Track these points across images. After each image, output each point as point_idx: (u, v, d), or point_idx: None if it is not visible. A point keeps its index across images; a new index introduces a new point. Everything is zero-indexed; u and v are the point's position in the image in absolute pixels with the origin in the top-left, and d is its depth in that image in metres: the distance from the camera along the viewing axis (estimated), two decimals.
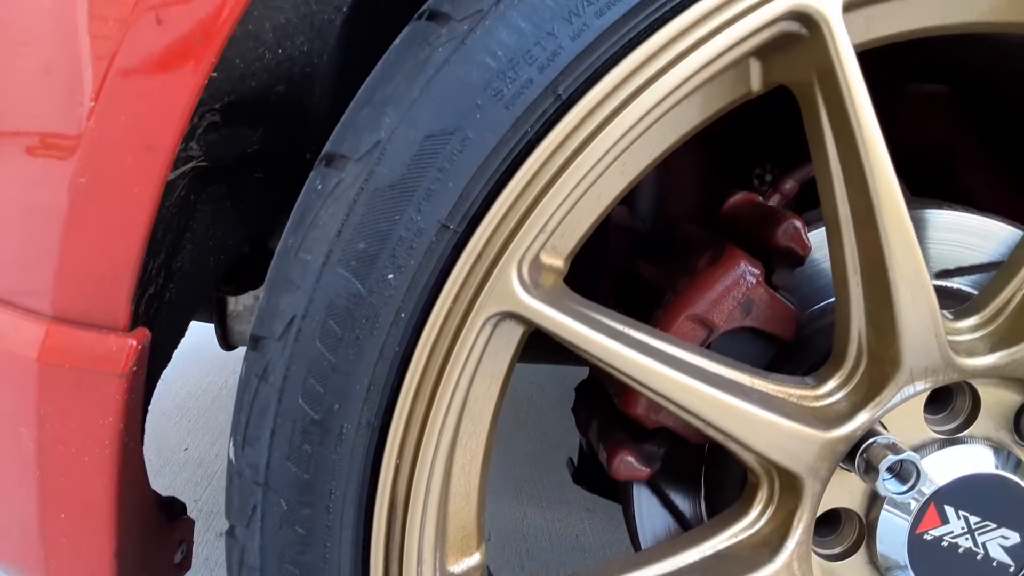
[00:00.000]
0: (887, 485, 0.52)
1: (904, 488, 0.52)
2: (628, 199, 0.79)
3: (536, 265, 0.48)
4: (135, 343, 0.53)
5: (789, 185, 0.72)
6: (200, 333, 1.00)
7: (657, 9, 0.43)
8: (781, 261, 0.59)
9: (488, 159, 0.44)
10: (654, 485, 0.65)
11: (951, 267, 0.64)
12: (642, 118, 0.45)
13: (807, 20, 0.44)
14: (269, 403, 0.46)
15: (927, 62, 0.82)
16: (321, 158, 0.46)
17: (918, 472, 0.52)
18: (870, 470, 0.52)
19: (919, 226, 0.63)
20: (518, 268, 0.45)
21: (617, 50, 0.44)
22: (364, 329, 0.45)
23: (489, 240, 0.45)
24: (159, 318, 0.69)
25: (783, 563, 0.53)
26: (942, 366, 0.51)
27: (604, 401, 0.66)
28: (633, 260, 0.72)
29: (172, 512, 0.69)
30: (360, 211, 0.44)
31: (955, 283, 0.63)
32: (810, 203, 0.75)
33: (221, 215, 0.74)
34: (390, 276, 0.44)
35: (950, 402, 0.58)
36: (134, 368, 0.54)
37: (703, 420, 0.50)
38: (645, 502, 0.65)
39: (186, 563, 0.73)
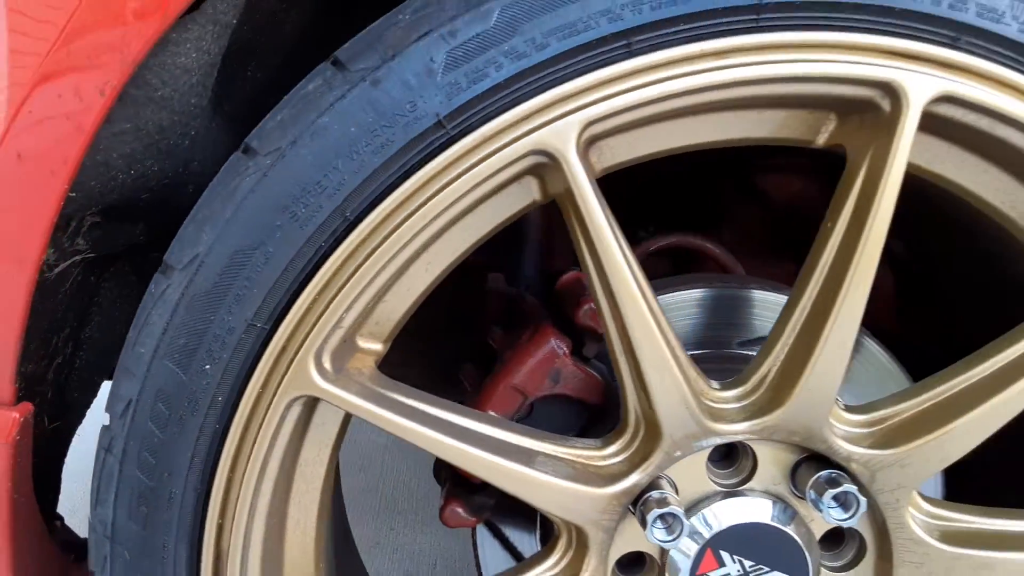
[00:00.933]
0: (655, 534, 0.60)
1: (671, 537, 0.60)
2: (507, 266, 0.88)
3: (346, 350, 0.57)
4: (18, 416, 0.62)
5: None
6: None
7: (423, 150, 0.52)
8: (590, 336, 0.68)
9: (287, 269, 0.53)
10: (493, 528, 0.74)
11: (752, 337, 0.73)
12: (423, 228, 0.54)
13: (549, 155, 0.53)
14: (113, 472, 0.55)
15: None
16: (160, 267, 0.56)
17: (682, 523, 0.60)
18: (644, 521, 0.61)
19: (718, 304, 0.72)
20: (316, 358, 0.54)
21: (393, 180, 0.53)
22: (187, 410, 0.54)
23: (291, 335, 0.54)
24: (70, 382, 0.78)
25: None
26: (700, 432, 0.60)
27: None
28: (490, 328, 0.81)
29: (80, 553, 0.78)
30: (181, 313, 0.53)
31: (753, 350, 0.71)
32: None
33: (128, 288, 0.83)
34: (207, 367, 0.53)
35: (736, 459, 0.66)
36: (18, 437, 0.63)
37: (492, 483, 0.59)
38: (487, 543, 0.74)
39: None
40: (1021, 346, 0.58)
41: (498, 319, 0.83)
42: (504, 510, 0.72)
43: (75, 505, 0.87)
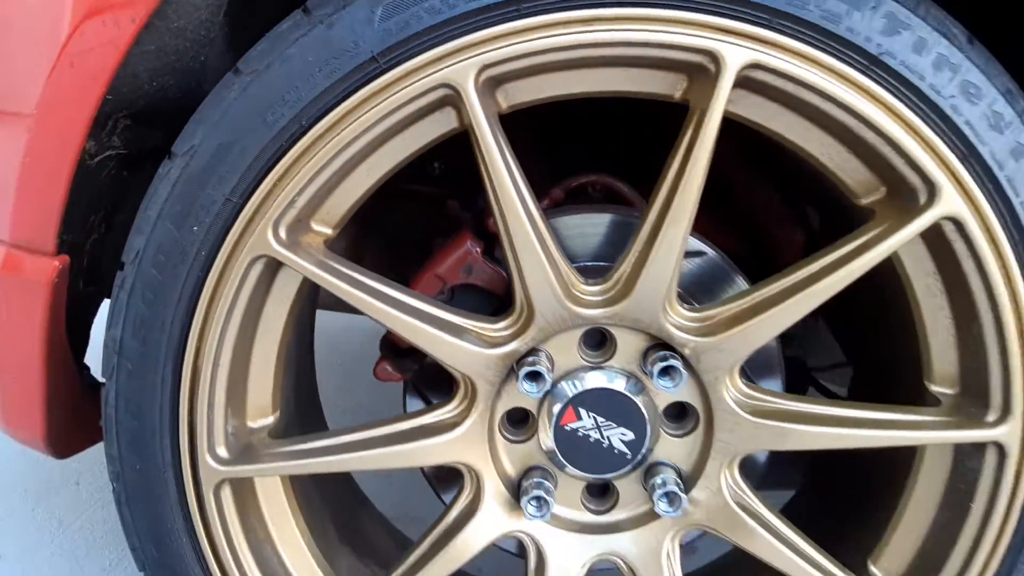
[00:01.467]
0: (524, 386, 0.79)
1: (536, 391, 0.79)
2: (464, 195, 1.06)
3: (301, 228, 0.76)
4: (57, 264, 0.83)
5: (555, 193, 0.99)
6: None
7: (361, 78, 0.70)
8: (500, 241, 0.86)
9: (256, 159, 0.72)
10: (415, 387, 0.93)
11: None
12: (358, 137, 0.73)
13: (453, 88, 0.71)
14: (123, 303, 0.76)
15: None
16: (167, 155, 0.75)
17: (546, 381, 0.79)
18: (517, 377, 0.79)
19: (611, 226, 0.90)
20: (274, 228, 0.73)
21: (337, 98, 0.71)
22: (178, 260, 0.74)
23: (256, 209, 0.73)
24: (102, 257, 0.98)
25: (459, 434, 0.81)
26: (567, 315, 0.78)
27: None
28: (436, 238, 1.00)
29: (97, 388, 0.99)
30: (179, 187, 0.73)
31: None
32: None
33: None
34: (195, 228, 0.73)
35: (604, 343, 0.84)
36: (56, 280, 0.83)
37: (410, 341, 0.78)
38: (411, 400, 0.94)
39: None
40: (799, 272, 0.75)
41: (446, 233, 1.02)
42: (424, 376, 0.92)
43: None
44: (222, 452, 0.79)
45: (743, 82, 0.71)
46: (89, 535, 1.40)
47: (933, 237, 0.74)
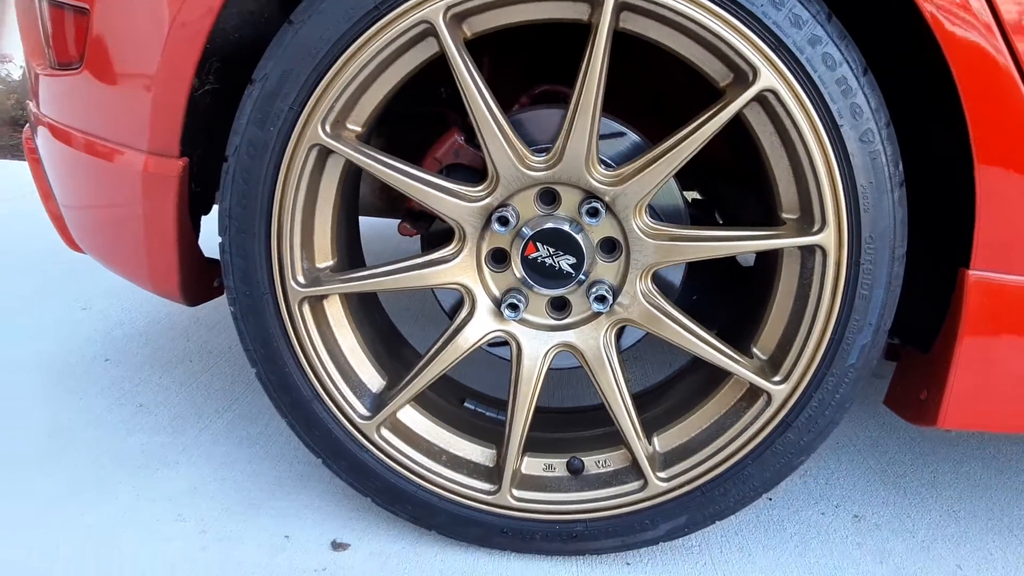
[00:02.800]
0: (495, 227, 1.16)
1: (505, 230, 1.16)
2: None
3: (340, 127, 1.14)
4: (182, 163, 1.23)
5: (522, 100, 1.35)
6: None
7: (368, 20, 1.07)
8: None
9: (306, 81, 1.10)
10: (427, 240, 1.32)
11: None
12: (371, 60, 1.09)
13: (430, 23, 1.07)
14: (228, 183, 1.15)
15: None
16: (248, 82, 1.13)
17: (512, 222, 1.16)
18: (491, 221, 1.17)
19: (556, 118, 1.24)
20: (322, 125, 1.11)
21: (354, 34, 1.08)
22: (262, 150, 1.13)
23: (309, 114, 1.11)
24: (206, 165, 1.38)
25: (455, 264, 1.19)
26: (521, 176, 1.15)
27: None
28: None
29: (212, 263, 1.40)
30: (259, 102, 1.11)
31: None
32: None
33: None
34: (271, 128, 1.12)
35: (554, 198, 1.20)
36: (182, 175, 1.23)
37: (416, 199, 1.16)
38: (423, 245, 1.33)
39: (220, 289, 1.43)
40: (675, 136, 1.10)
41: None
42: (432, 232, 1.31)
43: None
44: (301, 279, 1.19)
45: (623, 7, 1.05)
46: (205, 388, 1.86)
47: (766, 105, 1.07)
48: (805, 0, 1.02)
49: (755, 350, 1.23)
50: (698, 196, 1.82)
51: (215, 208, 1.28)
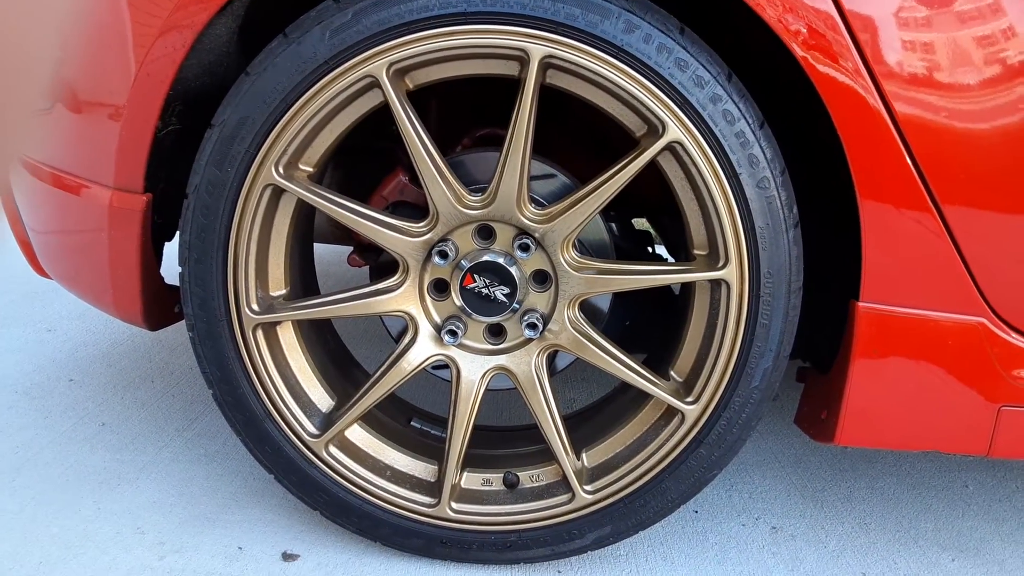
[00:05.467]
0: (436, 260, 1.27)
1: (444, 263, 1.28)
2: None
3: (293, 167, 1.25)
4: (145, 198, 1.32)
5: (465, 141, 1.47)
6: None
7: (318, 74, 1.18)
8: None
9: (261, 126, 1.20)
10: (375, 271, 1.43)
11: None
12: (321, 109, 1.20)
13: (375, 78, 1.18)
14: (187, 216, 1.25)
15: None
16: (209, 126, 1.24)
17: (451, 256, 1.27)
18: (432, 255, 1.28)
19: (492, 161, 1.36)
20: (275, 167, 1.22)
21: (305, 87, 1.19)
22: (220, 189, 1.23)
23: (264, 156, 1.22)
24: (165, 201, 1.48)
25: (399, 293, 1.30)
26: (459, 214, 1.26)
27: None
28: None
29: (173, 289, 1.50)
30: (218, 144, 1.22)
31: None
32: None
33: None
34: (229, 169, 1.22)
35: (491, 233, 1.32)
36: (145, 208, 1.33)
37: (363, 234, 1.27)
38: (371, 275, 1.44)
39: (181, 314, 1.52)
40: (597, 179, 1.22)
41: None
42: (379, 264, 1.42)
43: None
44: (255, 307, 1.29)
45: (548, 65, 1.17)
46: (166, 408, 1.94)
47: (676, 155, 1.20)
48: (707, 62, 1.15)
49: (672, 373, 1.35)
50: (648, 227, 1.95)
51: (177, 235, 1.38)
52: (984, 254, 1.19)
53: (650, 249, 1.62)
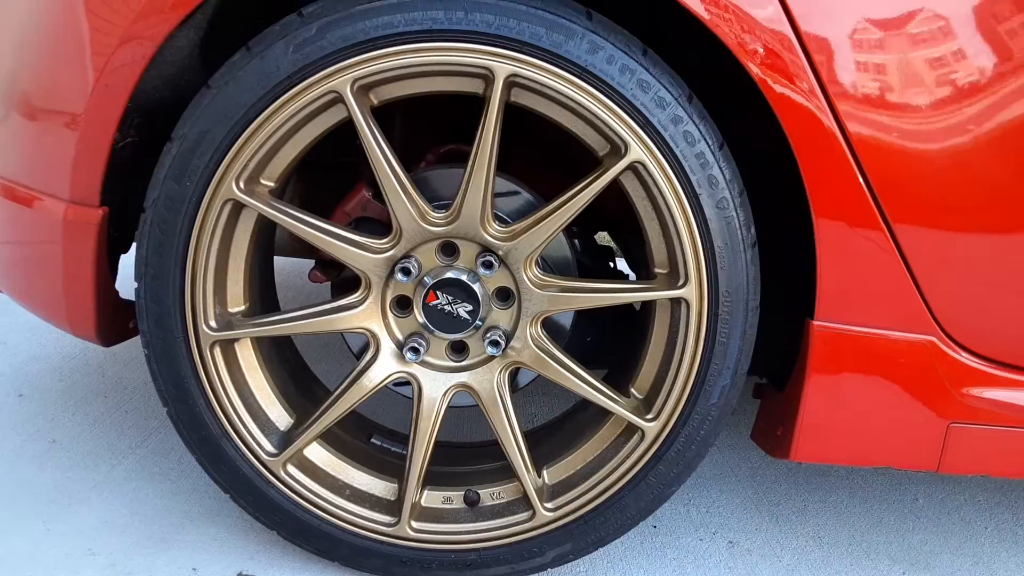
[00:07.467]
0: (398, 276, 1.27)
1: (407, 280, 1.27)
2: None
3: (254, 182, 1.24)
4: (101, 212, 1.30)
5: (429, 158, 1.47)
6: None
7: (281, 88, 1.17)
8: None
9: (222, 141, 1.19)
10: (336, 287, 1.42)
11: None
12: (283, 124, 1.19)
13: (339, 93, 1.18)
14: (144, 231, 1.23)
15: None
16: (168, 140, 1.22)
17: (414, 273, 1.27)
18: (394, 272, 1.27)
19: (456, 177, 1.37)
20: (236, 181, 1.20)
21: (267, 102, 1.18)
22: (179, 203, 1.21)
23: (224, 171, 1.20)
24: (124, 215, 1.45)
25: (361, 310, 1.29)
26: (421, 231, 1.26)
27: None
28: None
29: (128, 304, 1.47)
30: (177, 159, 1.20)
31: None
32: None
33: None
34: (188, 183, 1.20)
35: (455, 250, 1.32)
36: (101, 222, 1.30)
37: (324, 250, 1.26)
38: (333, 292, 1.42)
39: (136, 330, 1.49)
40: (560, 197, 1.23)
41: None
42: (341, 280, 1.40)
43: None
44: (212, 324, 1.27)
45: (512, 84, 1.18)
46: (119, 424, 1.90)
47: (637, 174, 1.22)
48: (668, 84, 1.17)
49: (633, 390, 1.36)
50: (610, 242, 1.96)
51: (133, 248, 1.36)
52: (932, 273, 1.23)
53: (611, 264, 1.64)
